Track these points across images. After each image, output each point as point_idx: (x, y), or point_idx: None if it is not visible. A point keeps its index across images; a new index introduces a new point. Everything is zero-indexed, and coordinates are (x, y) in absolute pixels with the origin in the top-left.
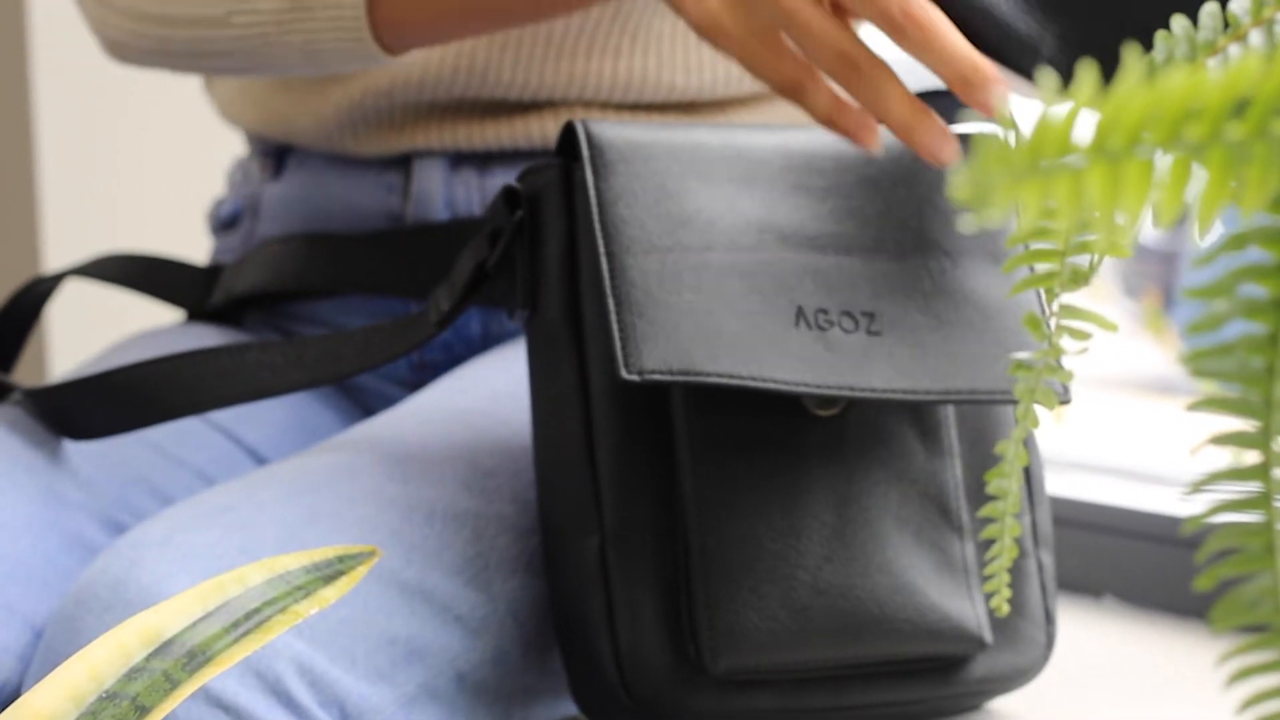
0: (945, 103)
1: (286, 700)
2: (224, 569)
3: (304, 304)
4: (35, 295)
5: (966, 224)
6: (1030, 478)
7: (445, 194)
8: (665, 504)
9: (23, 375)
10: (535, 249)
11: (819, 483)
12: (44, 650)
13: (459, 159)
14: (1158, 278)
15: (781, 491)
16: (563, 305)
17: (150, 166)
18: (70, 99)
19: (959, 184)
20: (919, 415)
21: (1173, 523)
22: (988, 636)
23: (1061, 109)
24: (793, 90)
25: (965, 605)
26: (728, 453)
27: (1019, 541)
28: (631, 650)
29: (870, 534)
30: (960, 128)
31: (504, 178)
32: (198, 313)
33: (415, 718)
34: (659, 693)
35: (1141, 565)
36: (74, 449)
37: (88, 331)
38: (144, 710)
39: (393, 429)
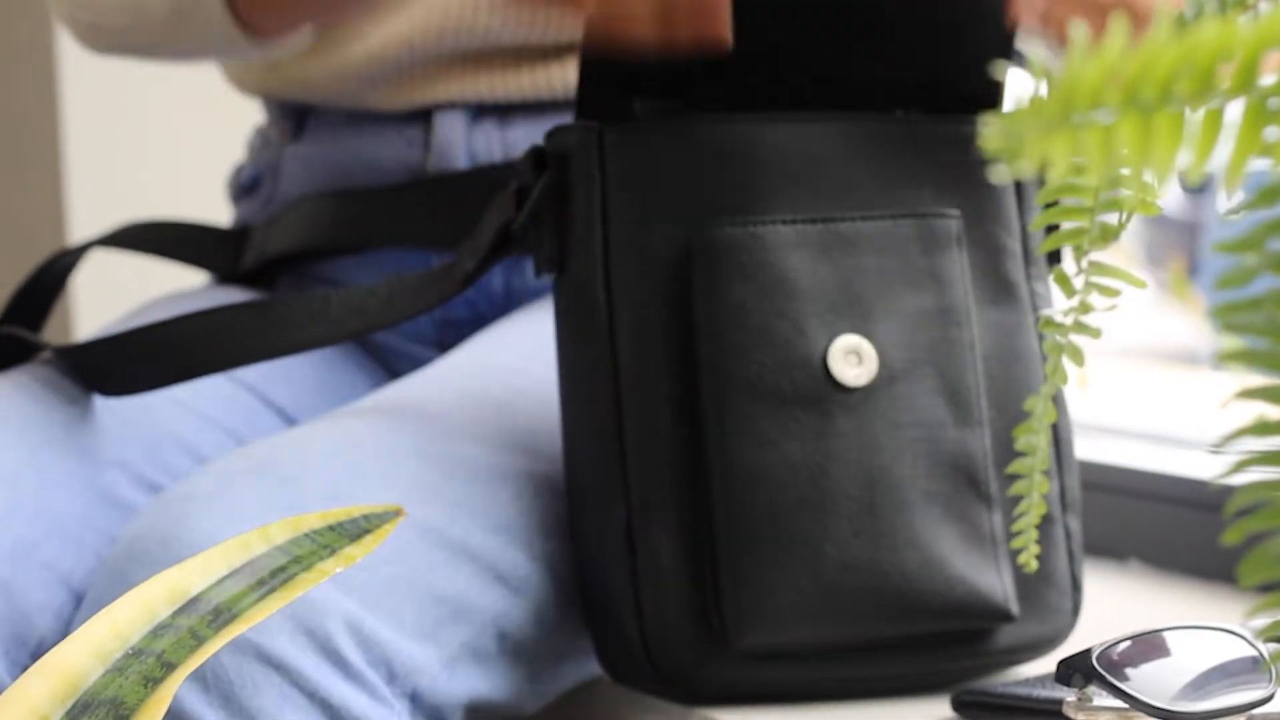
0: None
1: (336, 659)
2: None
3: (333, 264)
4: (60, 266)
5: (999, 175)
6: (1059, 443)
7: (466, 146)
8: (692, 476)
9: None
10: (563, 212)
11: (848, 455)
12: (90, 605)
13: (480, 111)
14: (1181, 246)
15: (810, 464)
16: (592, 271)
17: (172, 139)
18: (94, 73)
19: (990, 135)
20: (949, 383)
21: (1199, 486)
22: (1014, 609)
23: (1093, 61)
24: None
25: (993, 578)
26: (756, 425)
27: (1046, 505)
28: (656, 622)
29: (898, 507)
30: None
31: (525, 129)
32: (229, 276)
33: (457, 676)
34: (683, 664)
35: (1167, 528)
36: (105, 407)
37: (111, 301)
38: (170, 667)
39: (432, 388)
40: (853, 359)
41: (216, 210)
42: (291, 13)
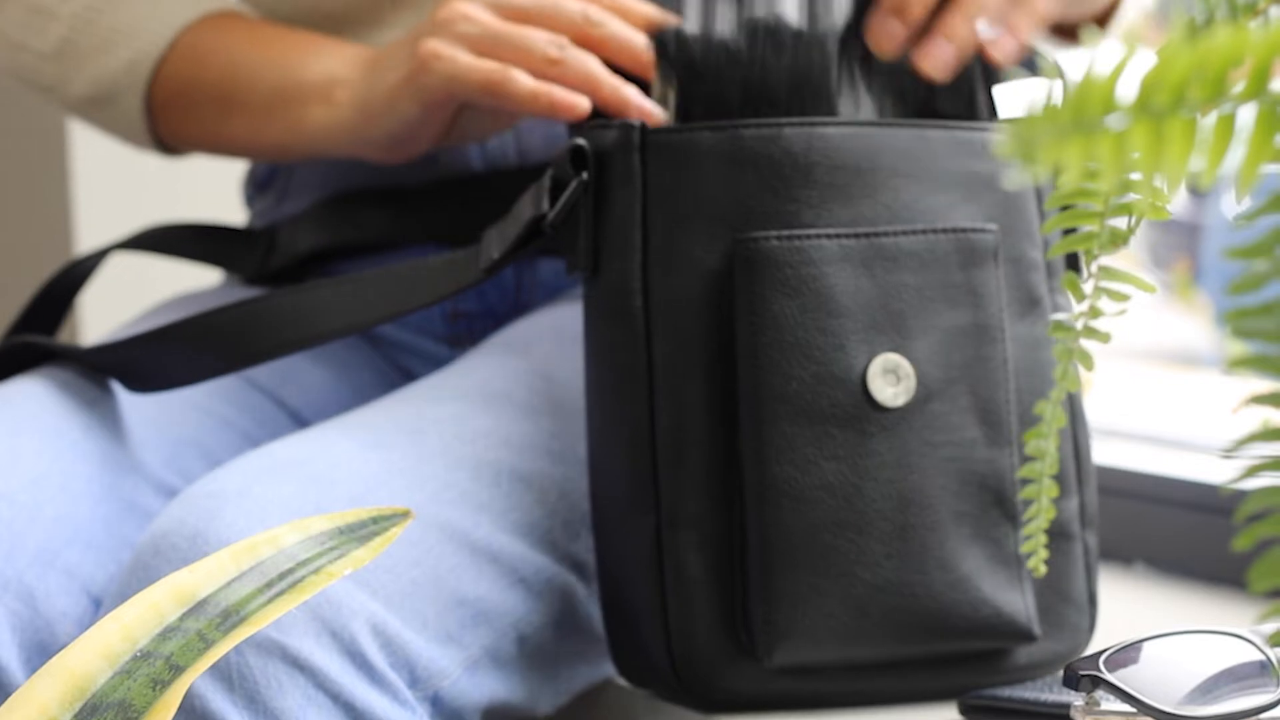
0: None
1: (360, 661)
2: None
3: (358, 265)
4: (79, 272)
5: (1013, 182)
6: (1079, 456)
7: None
8: (725, 490)
9: None
10: (600, 212)
11: (882, 475)
12: (113, 602)
13: None
14: (1185, 249)
15: (845, 485)
16: (629, 276)
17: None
18: None
19: (1005, 140)
20: (982, 402)
21: (1205, 489)
22: (1036, 629)
23: (1106, 67)
24: (497, 87)
25: (1016, 598)
26: (793, 444)
27: (1066, 524)
28: (682, 635)
29: (930, 528)
30: (1006, 85)
31: (538, 120)
32: (256, 277)
33: (478, 679)
34: (707, 677)
35: (1173, 532)
36: (123, 412)
37: (118, 307)
38: (178, 669)
39: (455, 388)
40: (891, 378)
41: (224, 216)
42: (206, 148)
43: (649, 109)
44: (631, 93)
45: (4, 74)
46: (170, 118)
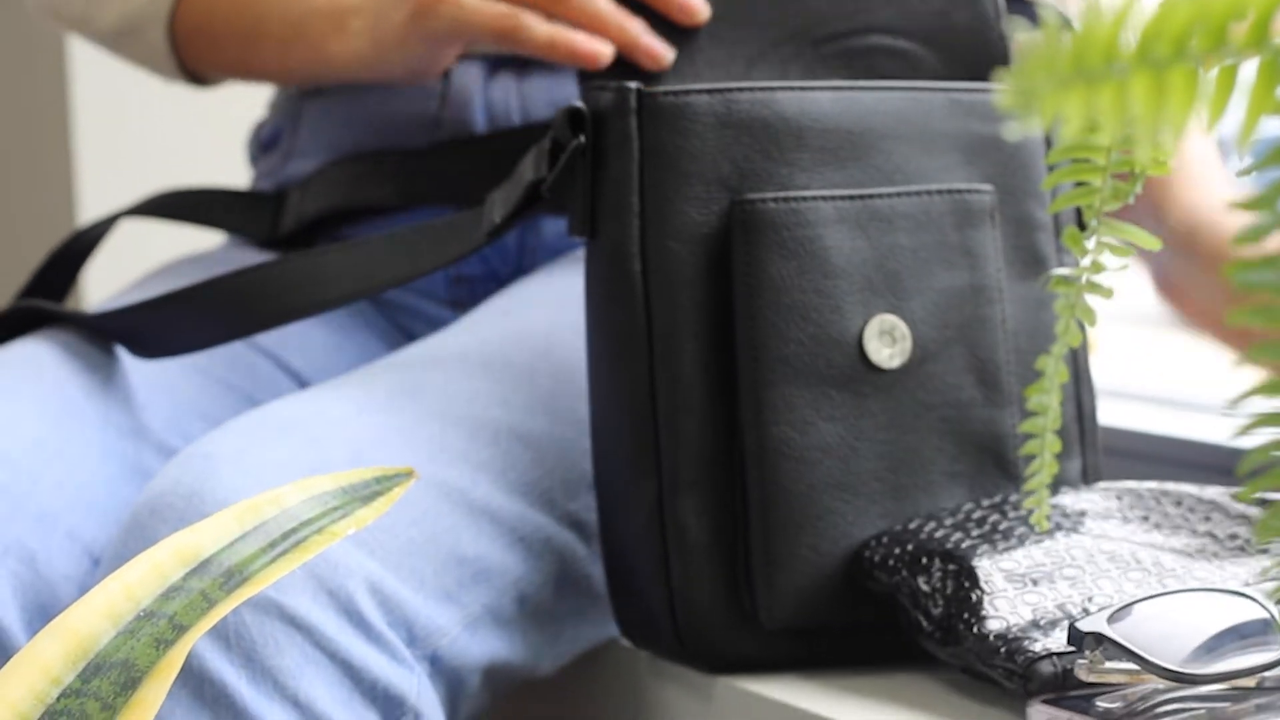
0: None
1: (357, 620)
2: None
3: (369, 227)
4: (87, 240)
5: (1012, 133)
6: (1083, 418)
7: (483, 99)
8: (724, 453)
9: None
10: (597, 175)
11: (877, 436)
12: (110, 561)
13: (497, 62)
14: None
15: (842, 446)
16: (626, 239)
17: (181, 121)
18: (104, 58)
19: (1005, 91)
20: (980, 362)
21: (1210, 449)
22: None
23: (1107, 16)
24: (508, 33)
25: None
26: (792, 405)
27: (1070, 485)
28: (684, 599)
29: (923, 490)
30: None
31: (542, 81)
32: (270, 241)
33: (478, 638)
34: (709, 640)
35: None
36: (124, 375)
37: (121, 277)
38: (182, 629)
39: (454, 350)
40: (887, 339)
41: (228, 182)
42: (239, 76)
43: (658, 50)
44: (639, 30)
45: (37, 8)
46: (197, 49)
